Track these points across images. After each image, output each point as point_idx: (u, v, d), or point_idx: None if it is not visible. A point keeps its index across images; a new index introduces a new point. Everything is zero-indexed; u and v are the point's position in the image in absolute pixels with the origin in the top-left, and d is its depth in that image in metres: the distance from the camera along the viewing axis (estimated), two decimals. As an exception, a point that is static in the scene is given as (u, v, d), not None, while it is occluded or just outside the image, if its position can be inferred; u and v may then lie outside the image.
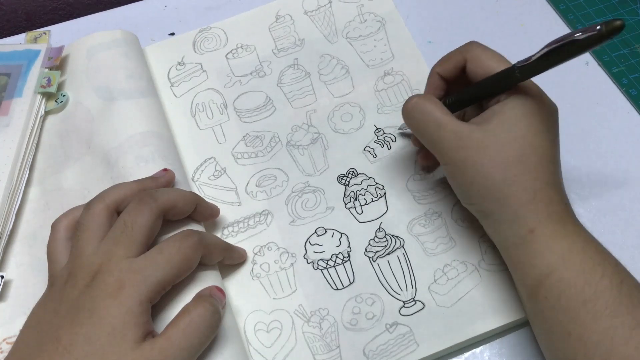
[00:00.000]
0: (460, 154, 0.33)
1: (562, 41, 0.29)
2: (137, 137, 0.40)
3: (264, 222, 0.40)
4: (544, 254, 0.30)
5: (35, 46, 0.46)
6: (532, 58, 0.30)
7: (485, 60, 0.34)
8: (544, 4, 0.50)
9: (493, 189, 0.32)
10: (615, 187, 0.41)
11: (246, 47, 0.48)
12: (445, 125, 0.33)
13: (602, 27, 0.27)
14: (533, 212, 0.31)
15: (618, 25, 0.26)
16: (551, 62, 0.30)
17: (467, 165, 0.32)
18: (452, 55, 0.36)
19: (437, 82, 0.37)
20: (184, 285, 0.33)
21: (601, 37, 0.27)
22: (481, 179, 0.32)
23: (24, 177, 0.41)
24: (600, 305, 0.28)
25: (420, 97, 0.35)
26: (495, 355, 0.36)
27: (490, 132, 0.32)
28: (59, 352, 0.28)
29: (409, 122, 0.36)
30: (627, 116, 0.44)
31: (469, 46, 0.36)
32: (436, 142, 0.34)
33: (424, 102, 0.35)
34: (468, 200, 0.34)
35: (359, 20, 0.49)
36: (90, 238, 0.31)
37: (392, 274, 0.37)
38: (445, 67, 0.37)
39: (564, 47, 0.29)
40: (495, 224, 0.33)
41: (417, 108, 0.35)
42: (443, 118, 0.33)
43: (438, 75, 0.37)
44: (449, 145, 0.33)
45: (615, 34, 0.27)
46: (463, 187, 0.34)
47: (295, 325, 0.36)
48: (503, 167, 0.31)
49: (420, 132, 0.35)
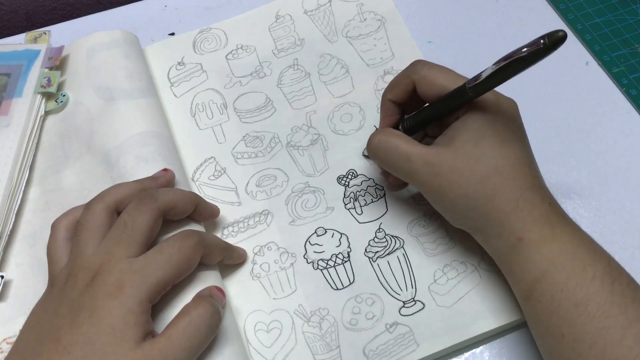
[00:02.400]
0: (436, 181, 0.33)
1: (509, 59, 0.29)
2: (137, 137, 0.40)
3: (264, 222, 0.40)
4: (534, 259, 0.31)
5: (35, 46, 0.46)
6: (482, 77, 0.31)
7: (434, 80, 0.34)
8: (544, 4, 0.50)
9: (475, 207, 0.32)
10: (615, 187, 0.41)
11: (246, 47, 0.48)
12: (414, 157, 0.33)
13: (545, 40, 0.27)
14: (518, 220, 0.31)
15: (560, 36, 0.27)
16: (501, 78, 0.30)
17: (445, 191, 0.33)
18: (400, 80, 0.36)
19: (391, 109, 0.37)
20: (184, 285, 0.33)
21: (545, 49, 0.27)
22: (462, 200, 0.32)
23: (24, 177, 0.41)
24: (592, 307, 0.28)
25: (381, 133, 0.35)
26: (495, 355, 0.36)
27: (459, 152, 0.32)
28: (59, 352, 0.28)
29: (377, 160, 0.36)
30: (627, 116, 0.44)
31: (415, 67, 0.35)
32: (409, 174, 0.34)
33: (387, 138, 0.35)
34: (456, 222, 0.35)
35: (359, 19, 0.49)
36: (90, 238, 0.31)
37: (392, 274, 0.38)
38: (395, 92, 0.36)
39: (511, 65, 0.29)
40: (485, 238, 0.34)
41: (380, 146, 0.35)
42: (410, 150, 0.33)
43: (390, 102, 0.37)
44: (422, 175, 0.33)
45: (558, 45, 0.27)
46: (447, 211, 0.34)
47: (295, 325, 0.36)
48: (480, 184, 0.32)
49: (391, 168, 0.35)
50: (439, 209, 0.35)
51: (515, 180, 0.32)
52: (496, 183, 0.31)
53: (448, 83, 0.33)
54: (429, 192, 0.34)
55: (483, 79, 0.31)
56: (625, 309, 0.28)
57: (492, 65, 0.30)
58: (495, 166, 0.32)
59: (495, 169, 0.32)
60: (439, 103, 0.34)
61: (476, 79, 0.31)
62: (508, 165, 0.32)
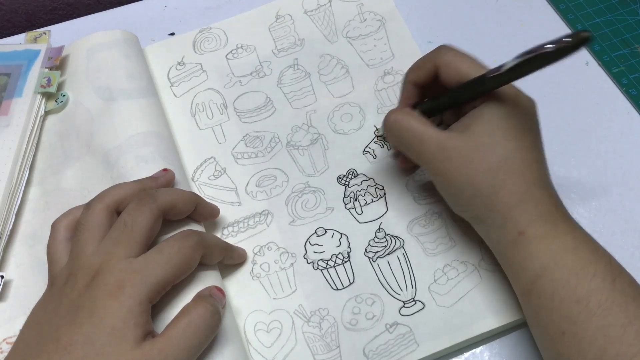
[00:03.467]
0: (445, 165, 0.33)
1: (533, 53, 0.29)
2: (137, 137, 0.40)
3: (264, 222, 0.40)
4: (536, 255, 0.31)
5: (35, 46, 0.46)
6: (503, 68, 0.31)
7: (458, 66, 0.34)
8: (544, 4, 0.50)
9: (481, 196, 0.32)
10: (615, 187, 0.41)
11: (246, 47, 0.48)
12: (427, 139, 0.34)
13: (571, 38, 0.27)
14: (522, 214, 0.31)
15: (586, 36, 0.27)
16: (522, 72, 0.30)
17: (454, 176, 0.33)
18: (424, 62, 0.36)
19: (412, 90, 0.37)
20: (184, 285, 0.33)
21: (570, 48, 0.28)
22: (468, 188, 0.32)
23: (24, 177, 0.41)
24: (593, 304, 0.28)
25: (398, 112, 0.35)
26: (495, 355, 0.36)
27: (472, 140, 0.32)
28: (59, 352, 0.28)
29: (391, 139, 0.36)
30: (627, 116, 0.44)
31: (440, 52, 0.35)
32: (421, 155, 0.34)
33: (403, 117, 0.35)
34: (459, 208, 0.35)
35: (359, 20, 0.49)
36: (90, 238, 0.31)
37: (392, 274, 0.38)
38: (418, 74, 0.37)
39: (535, 59, 0.29)
40: (486, 229, 0.34)
41: (396, 124, 0.35)
42: (424, 131, 0.34)
43: (411, 84, 0.37)
44: (433, 157, 0.33)
45: (583, 44, 0.27)
46: (452, 197, 0.35)
47: (295, 325, 0.36)
48: (488, 174, 0.32)
49: (404, 147, 0.36)
50: (444, 194, 0.35)
51: (524, 175, 0.32)
52: (504, 175, 0.31)
53: (471, 71, 0.33)
54: (437, 175, 0.34)
55: (504, 70, 0.31)
56: (625, 307, 0.28)
57: (514, 58, 0.30)
58: (506, 158, 0.32)
59: (505, 161, 0.32)
60: (460, 89, 0.34)
61: (498, 70, 0.31)
62: (518, 159, 0.32)
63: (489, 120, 0.32)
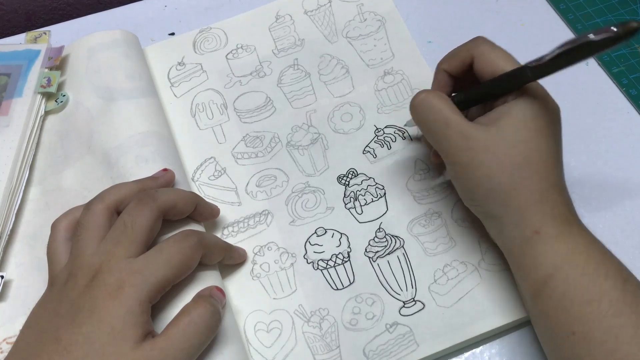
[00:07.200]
0: (466, 155, 0.32)
1: (576, 42, 0.28)
2: (137, 137, 0.40)
3: (264, 222, 0.40)
4: (549, 254, 0.30)
5: (35, 46, 0.46)
6: (545, 58, 0.30)
7: (494, 59, 0.34)
8: (544, 4, 0.50)
9: (499, 191, 0.32)
10: (615, 187, 0.41)
11: (246, 47, 0.48)
12: (453, 124, 0.33)
13: (618, 28, 0.27)
14: (538, 213, 0.31)
15: (634, 26, 0.26)
16: (563, 63, 0.30)
17: (474, 167, 0.32)
18: (459, 52, 0.36)
19: (444, 79, 0.37)
20: (184, 285, 0.33)
21: (617, 38, 0.27)
22: (487, 181, 0.32)
23: (24, 177, 0.41)
24: (604, 305, 0.28)
25: (429, 92, 0.35)
26: (495, 355, 0.36)
27: (498, 134, 0.32)
28: (59, 352, 0.28)
29: (416, 117, 0.35)
30: (627, 116, 0.44)
31: (477, 42, 0.35)
32: (442, 140, 0.33)
33: (433, 97, 0.34)
34: (472, 202, 0.34)
35: (359, 20, 0.49)
36: (90, 238, 0.31)
37: (392, 274, 0.37)
38: (451, 63, 0.36)
39: (578, 49, 0.29)
40: (499, 225, 0.33)
41: (425, 103, 0.34)
42: (451, 117, 0.33)
43: (445, 72, 0.37)
44: (455, 145, 0.33)
45: (631, 35, 0.26)
46: (468, 188, 0.34)
47: (295, 325, 0.36)
48: (510, 170, 0.31)
49: (427, 129, 0.35)
50: (458, 185, 0.34)
51: (544, 175, 0.31)
52: (525, 173, 0.31)
53: (507, 65, 0.33)
54: (455, 164, 0.33)
55: (546, 60, 0.30)
56: (637, 308, 0.28)
57: (555, 48, 0.29)
58: (529, 157, 0.31)
59: (528, 159, 0.31)
60: (494, 81, 0.33)
61: (539, 60, 0.30)
62: (541, 159, 0.32)
63: (517, 117, 0.32)
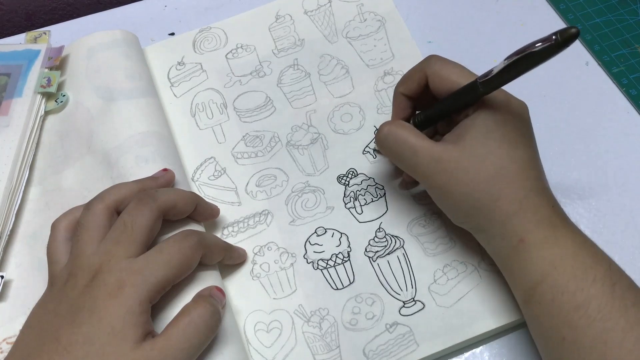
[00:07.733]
0: (441, 178, 0.33)
1: (520, 54, 0.29)
2: (137, 137, 0.40)
3: (264, 222, 0.40)
4: (536, 261, 0.31)
5: (35, 46, 0.46)
6: (493, 72, 0.30)
7: (448, 75, 0.34)
8: (544, 4, 0.50)
9: (479, 207, 0.32)
10: (615, 187, 0.41)
11: (246, 47, 0.48)
12: (421, 151, 0.33)
13: (557, 36, 0.27)
14: (521, 222, 0.31)
15: (573, 33, 0.27)
16: (512, 74, 0.30)
17: (450, 188, 0.33)
18: (413, 73, 0.36)
19: (403, 102, 0.37)
20: (184, 285, 0.33)
21: (557, 45, 0.27)
22: (466, 199, 0.32)
23: (24, 177, 0.41)
24: (592, 310, 0.28)
25: (392, 124, 0.35)
26: (495, 355, 0.36)
27: (466, 150, 0.32)
28: (59, 352, 0.28)
29: (385, 151, 0.36)
30: (627, 116, 0.44)
31: (429, 61, 0.35)
32: (415, 168, 0.34)
33: (396, 129, 0.34)
34: (458, 219, 0.35)
35: (359, 20, 0.49)
36: (90, 238, 0.31)
37: (392, 274, 0.38)
38: (408, 85, 0.36)
39: (522, 60, 0.29)
40: (487, 238, 0.33)
41: (389, 137, 0.35)
42: (418, 144, 0.33)
43: (402, 95, 0.37)
44: (428, 170, 0.33)
45: (571, 41, 0.27)
46: (450, 209, 0.34)
47: (295, 325, 0.36)
48: (485, 184, 0.31)
49: (398, 160, 0.35)
50: (441, 206, 0.35)
51: (521, 182, 0.31)
52: (501, 183, 0.31)
53: (461, 79, 0.33)
54: (433, 188, 0.34)
55: (494, 74, 0.30)
56: (625, 312, 0.28)
57: (503, 61, 0.30)
58: (501, 166, 0.31)
59: (501, 169, 0.31)
60: (451, 98, 0.34)
61: (487, 75, 0.31)
62: (514, 166, 0.32)
63: (481, 129, 0.32)
